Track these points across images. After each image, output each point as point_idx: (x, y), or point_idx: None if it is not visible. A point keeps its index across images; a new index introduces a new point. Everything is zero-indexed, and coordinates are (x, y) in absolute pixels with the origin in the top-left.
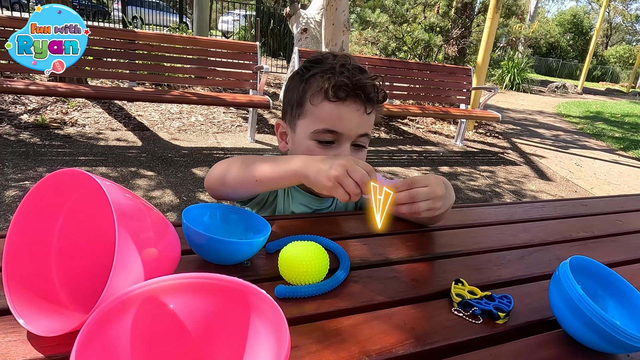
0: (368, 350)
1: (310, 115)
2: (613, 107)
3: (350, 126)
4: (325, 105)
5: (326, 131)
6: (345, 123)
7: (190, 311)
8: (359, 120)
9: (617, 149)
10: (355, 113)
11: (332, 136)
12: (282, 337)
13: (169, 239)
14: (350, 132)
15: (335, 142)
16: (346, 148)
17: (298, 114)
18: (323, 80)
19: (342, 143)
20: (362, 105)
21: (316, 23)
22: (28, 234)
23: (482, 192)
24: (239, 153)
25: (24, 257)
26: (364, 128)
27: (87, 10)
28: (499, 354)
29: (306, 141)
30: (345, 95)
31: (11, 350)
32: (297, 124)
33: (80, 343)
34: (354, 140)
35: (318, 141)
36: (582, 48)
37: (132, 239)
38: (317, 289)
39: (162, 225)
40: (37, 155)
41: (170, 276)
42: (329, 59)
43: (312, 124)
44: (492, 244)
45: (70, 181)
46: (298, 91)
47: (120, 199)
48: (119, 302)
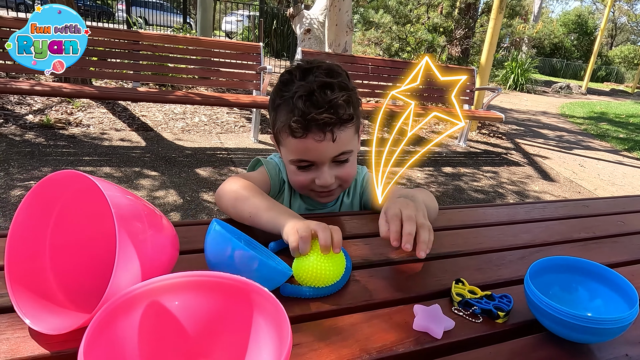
0: (369, 348)
1: (284, 146)
2: (617, 107)
3: (318, 154)
4: (291, 140)
5: (300, 160)
6: (313, 153)
7: (195, 308)
8: (326, 147)
9: (622, 149)
10: (319, 144)
11: (308, 162)
12: (283, 334)
13: (166, 237)
14: (320, 159)
15: (314, 165)
16: (324, 170)
17: (277, 141)
18: (285, 115)
19: (319, 166)
20: (325, 135)
21: (319, 24)
22: (27, 234)
23: (485, 193)
24: (242, 153)
25: (24, 256)
26: (336, 149)
27: (92, 11)
28: (498, 353)
29: (289, 165)
30: (301, 134)
31: (20, 346)
32: (280, 149)
33: (88, 339)
34: (331, 160)
35: (298, 167)
36: (587, 48)
37: (130, 239)
38: (320, 292)
39: (159, 224)
40: (42, 155)
41: (175, 274)
42: (294, 82)
43: (287, 154)
44: (493, 244)
45: (63, 181)
46: (272, 120)
47: (118, 199)
48: (125, 300)
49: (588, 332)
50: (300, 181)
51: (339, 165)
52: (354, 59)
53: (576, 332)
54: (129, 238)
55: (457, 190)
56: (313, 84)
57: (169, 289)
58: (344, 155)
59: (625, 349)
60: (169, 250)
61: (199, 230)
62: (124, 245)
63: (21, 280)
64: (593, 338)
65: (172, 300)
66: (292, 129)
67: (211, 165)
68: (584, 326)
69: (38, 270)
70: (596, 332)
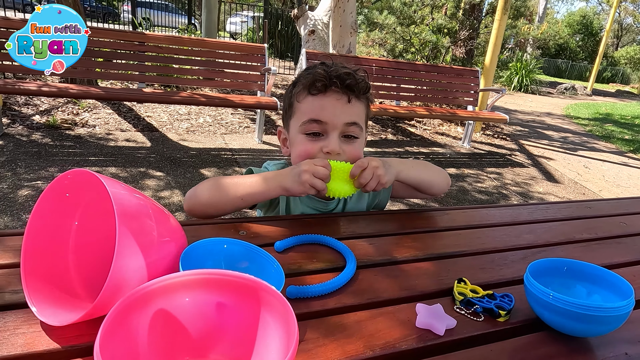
0: (373, 344)
1: (297, 112)
2: (623, 108)
3: (333, 114)
4: (308, 99)
5: (312, 121)
6: (327, 111)
7: (205, 305)
8: (342, 108)
9: (627, 151)
10: (337, 102)
11: (319, 127)
12: (291, 331)
13: (174, 236)
14: (334, 120)
15: (324, 134)
16: (334, 138)
17: (290, 115)
18: (306, 79)
19: (330, 133)
20: (343, 94)
21: (324, 25)
22: (45, 231)
23: (489, 194)
24: (247, 154)
25: (42, 253)
26: (349, 116)
27: (97, 12)
28: (499, 350)
29: (297, 136)
30: (323, 86)
31: (35, 340)
32: (290, 125)
33: (104, 333)
34: (342, 130)
35: (307, 134)
36: (592, 49)
37: (133, 234)
38: (324, 289)
39: (166, 223)
40: (48, 156)
41: (187, 272)
42: (318, 65)
43: (299, 118)
44: (496, 244)
45: (83, 181)
46: (289, 95)
47: (122, 196)
48: (140, 296)
49: (586, 320)
50: (307, 149)
51: (347, 141)
52: (357, 60)
53: (575, 321)
54: (130, 233)
55: (461, 191)
56: (336, 68)
57: (181, 286)
58: (354, 129)
59: (625, 348)
60: (177, 248)
61: (208, 230)
62: (124, 239)
63: (37, 275)
64: (591, 327)
65: (184, 297)
66: (315, 82)
67: (216, 165)
68: (582, 314)
69: (60, 267)
70: (594, 320)
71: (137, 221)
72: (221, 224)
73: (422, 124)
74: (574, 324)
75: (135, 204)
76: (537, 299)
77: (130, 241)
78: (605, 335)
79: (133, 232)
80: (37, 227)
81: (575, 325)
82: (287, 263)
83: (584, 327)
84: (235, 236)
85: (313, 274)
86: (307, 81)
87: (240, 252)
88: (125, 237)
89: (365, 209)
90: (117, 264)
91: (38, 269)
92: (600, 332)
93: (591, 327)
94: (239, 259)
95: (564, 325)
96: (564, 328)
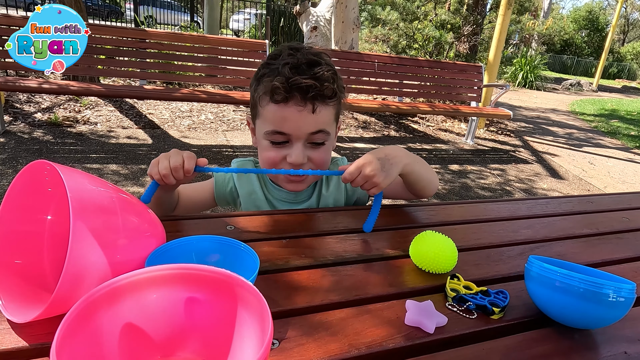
0: (358, 343)
1: (261, 117)
2: (629, 104)
3: (295, 126)
4: (270, 107)
5: (275, 132)
6: (290, 123)
7: (176, 301)
8: (305, 119)
9: (633, 147)
10: (299, 114)
11: (283, 137)
12: (265, 327)
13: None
14: (297, 132)
15: (288, 142)
16: (297, 147)
17: (254, 114)
18: (269, 81)
19: (294, 143)
20: (306, 104)
21: (326, 21)
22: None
23: (493, 191)
24: (248, 151)
25: (10, 248)
26: (314, 126)
27: (101, 10)
28: (492, 349)
29: (262, 140)
30: (283, 98)
31: (4, 337)
32: (256, 124)
33: (62, 334)
34: (307, 139)
35: (271, 142)
36: (598, 45)
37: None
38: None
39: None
40: (50, 153)
41: (159, 267)
42: (282, 55)
43: (263, 125)
44: (492, 239)
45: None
46: (253, 91)
47: (83, 189)
48: (104, 293)
49: (595, 299)
50: (271, 157)
51: (313, 147)
52: (360, 56)
53: (584, 301)
54: (87, 226)
55: (464, 188)
56: (301, 59)
57: (151, 282)
58: (320, 136)
59: (624, 347)
60: (153, 241)
61: (210, 224)
62: (80, 233)
63: (7, 272)
64: (598, 310)
65: (154, 293)
66: (274, 91)
67: (217, 162)
68: (591, 291)
69: (35, 263)
70: (603, 300)
71: (98, 213)
72: (204, 219)
73: (425, 121)
74: (581, 305)
75: (97, 195)
76: (542, 279)
77: (86, 234)
78: (604, 334)
79: (92, 224)
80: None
81: (582, 306)
82: (273, 259)
83: (591, 308)
84: (222, 231)
85: (300, 269)
86: (268, 88)
87: (211, 247)
88: (80, 230)
89: (343, 203)
90: (72, 258)
91: (9, 264)
92: (604, 320)
93: (597, 311)
94: (211, 253)
95: (568, 308)
96: (567, 314)
